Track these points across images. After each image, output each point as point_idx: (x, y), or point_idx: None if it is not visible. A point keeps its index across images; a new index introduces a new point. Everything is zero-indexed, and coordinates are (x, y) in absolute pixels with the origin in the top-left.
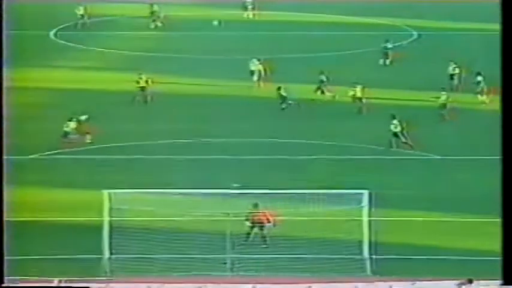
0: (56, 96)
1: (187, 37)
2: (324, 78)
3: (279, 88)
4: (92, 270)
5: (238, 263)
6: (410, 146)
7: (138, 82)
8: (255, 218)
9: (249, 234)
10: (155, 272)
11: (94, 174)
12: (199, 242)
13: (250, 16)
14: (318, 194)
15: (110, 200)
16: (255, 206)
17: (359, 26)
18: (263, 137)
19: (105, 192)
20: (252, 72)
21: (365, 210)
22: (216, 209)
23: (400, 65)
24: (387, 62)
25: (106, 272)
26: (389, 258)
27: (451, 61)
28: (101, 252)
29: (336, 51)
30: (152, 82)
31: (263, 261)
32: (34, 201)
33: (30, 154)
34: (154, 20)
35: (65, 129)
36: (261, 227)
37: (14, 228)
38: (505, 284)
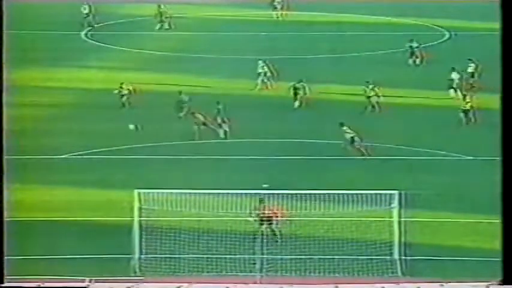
0: (85, 96)
1: (214, 37)
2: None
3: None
4: (122, 270)
5: (267, 264)
6: (363, 152)
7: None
8: (265, 214)
9: (258, 232)
10: (184, 272)
11: (125, 174)
12: (229, 242)
13: (279, 16)
14: (348, 194)
15: (139, 199)
16: (261, 201)
17: (388, 26)
18: (291, 138)
19: (136, 192)
20: (258, 75)
21: (395, 211)
22: (245, 209)
23: (430, 65)
24: (417, 61)
25: (136, 272)
26: (420, 259)
27: (470, 59)
28: (130, 252)
29: (365, 52)
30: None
31: (292, 261)
32: (65, 201)
33: (61, 154)
34: (162, 21)
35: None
36: (270, 223)
37: (45, 227)
38: (505, 284)
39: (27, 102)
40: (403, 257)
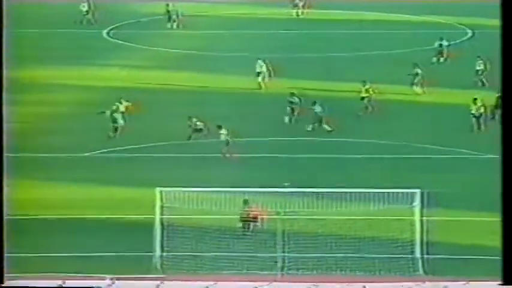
0: (107, 94)
1: (236, 36)
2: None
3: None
4: (143, 268)
5: (288, 262)
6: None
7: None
8: (250, 214)
9: (245, 228)
10: (205, 270)
11: (146, 172)
12: (249, 240)
13: (300, 14)
14: (370, 193)
15: (161, 198)
16: (245, 202)
17: (411, 24)
18: (315, 136)
19: (157, 190)
20: (258, 74)
21: (417, 210)
22: (266, 207)
23: (453, 63)
24: (441, 59)
25: (157, 270)
26: (442, 257)
27: (478, 57)
28: (152, 250)
29: (387, 50)
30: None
31: (314, 260)
32: (86, 199)
33: (83, 152)
34: (174, 20)
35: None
36: (255, 223)
37: (67, 225)
38: (505, 284)
39: (46, 100)
40: (425, 256)
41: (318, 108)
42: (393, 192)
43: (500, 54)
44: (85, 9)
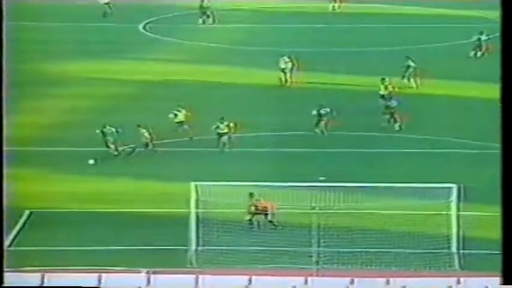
0: (142, 88)
1: (269, 30)
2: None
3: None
4: (178, 261)
5: (324, 256)
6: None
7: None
8: (258, 207)
9: (252, 221)
10: (240, 265)
11: (182, 166)
12: (285, 234)
13: (336, 8)
14: (407, 187)
15: (196, 192)
16: (252, 195)
17: (448, 18)
18: (350, 131)
19: (192, 184)
20: (282, 70)
21: (453, 205)
22: (301, 202)
23: (491, 58)
24: (478, 54)
25: (192, 264)
26: (478, 253)
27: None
28: (187, 244)
29: (424, 44)
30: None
31: (350, 255)
32: (123, 192)
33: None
34: (208, 15)
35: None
36: (265, 215)
37: (102, 219)
38: (505, 283)
39: (82, 94)
40: (461, 251)
41: (394, 103)
42: (429, 187)
43: (500, 51)
44: (104, 1)
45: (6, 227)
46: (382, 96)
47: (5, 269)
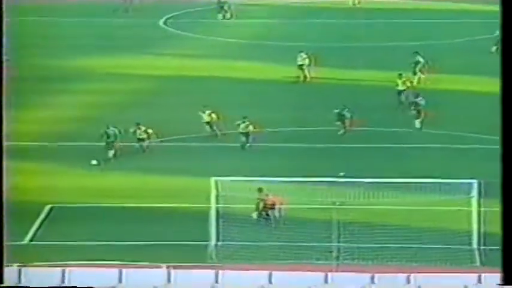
0: (162, 83)
1: (292, 25)
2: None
3: None
4: (199, 256)
5: (344, 252)
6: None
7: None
8: (267, 202)
9: (266, 215)
10: (260, 260)
11: (202, 162)
12: (304, 230)
13: (356, 3)
14: (427, 183)
15: (217, 187)
16: (260, 190)
17: (470, 13)
18: (369, 126)
19: (213, 179)
20: (300, 66)
21: (474, 200)
22: (322, 197)
23: None
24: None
25: (213, 259)
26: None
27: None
28: (207, 239)
29: (445, 39)
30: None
31: (370, 250)
32: (143, 188)
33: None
34: (225, 11)
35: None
36: (273, 210)
37: (123, 214)
38: (505, 284)
39: (102, 89)
40: (482, 247)
41: (422, 101)
42: (450, 183)
43: (501, 48)
44: None
45: (8, 223)
46: (399, 92)
47: (28, 264)
